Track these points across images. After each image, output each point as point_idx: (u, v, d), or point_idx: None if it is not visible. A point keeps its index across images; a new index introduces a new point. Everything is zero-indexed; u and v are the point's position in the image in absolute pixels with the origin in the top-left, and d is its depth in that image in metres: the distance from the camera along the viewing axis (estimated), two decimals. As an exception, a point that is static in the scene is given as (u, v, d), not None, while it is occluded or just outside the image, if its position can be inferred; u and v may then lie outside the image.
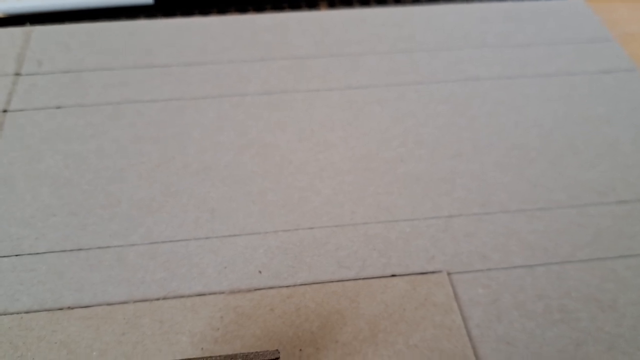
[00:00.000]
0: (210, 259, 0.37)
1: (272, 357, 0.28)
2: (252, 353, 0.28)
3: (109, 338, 0.33)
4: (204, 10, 0.57)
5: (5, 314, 0.34)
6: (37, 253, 0.37)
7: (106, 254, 0.37)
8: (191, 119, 0.46)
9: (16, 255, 0.37)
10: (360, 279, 0.36)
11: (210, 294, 0.35)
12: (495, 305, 0.35)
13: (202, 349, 0.32)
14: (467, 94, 0.48)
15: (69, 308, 0.35)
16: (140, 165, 0.43)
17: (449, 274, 0.36)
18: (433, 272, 0.36)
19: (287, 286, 0.36)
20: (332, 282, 0.36)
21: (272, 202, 0.40)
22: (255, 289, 0.36)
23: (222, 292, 0.35)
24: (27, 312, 0.34)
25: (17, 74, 0.50)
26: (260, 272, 0.36)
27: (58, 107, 0.47)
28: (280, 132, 0.45)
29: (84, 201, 0.40)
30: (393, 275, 0.36)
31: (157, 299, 0.35)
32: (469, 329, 0.34)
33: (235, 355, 0.28)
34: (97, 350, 0.33)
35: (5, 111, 0.47)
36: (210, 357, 0.28)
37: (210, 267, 0.37)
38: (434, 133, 0.45)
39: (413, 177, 0.42)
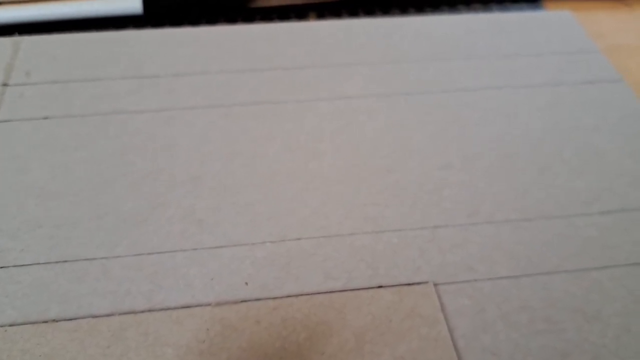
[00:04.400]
0: (197, 270, 0.37)
1: (257, 370, 0.28)
2: (237, 366, 0.28)
3: (93, 351, 0.33)
4: (193, 21, 0.57)
5: (-11, 327, 0.34)
6: (23, 265, 0.37)
7: (92, 265, 0.37)
8: (179, 129, 0.46)
9: (1, 267, 0.37)
10: (347, 290, 0.36)
11: (196, 305, 0.35)
12: (481, 316, 0.35)
13: (187, 361, 0.32)
14: (456, 104, 0.48)
15: (53, 321, 0.34)
16: (127, 177, 0.42)
17: (435, 285, 0.36)
18: (419, 283, 0.36)
19: (273, 298, 0.36)
20: (319, 293, 0.36)
21: (260, 212, 0.40)
22: (242, 301, 0.35)
23: (209, 304, 0.35)
24: (11, 325, 0.34)
25: (5, 85, 0.50)
26: (246, 283, 0.36)
27: (45, 118, 0.47)
28: (268, 142, 0.45)
29: (71, 213, 0.40)
30: (380, 287, 0.36)
31: (143, 312, 0.35)
32: (455, 340, 0.34)
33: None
34: (81, 364, 0.32)
35: (-8, 122, 0.46)
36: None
37: (196, 278, 0.37)
38: (423, 143, 0.45)
39: (401, 187, 0.42)
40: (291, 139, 0.46)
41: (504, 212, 0.41)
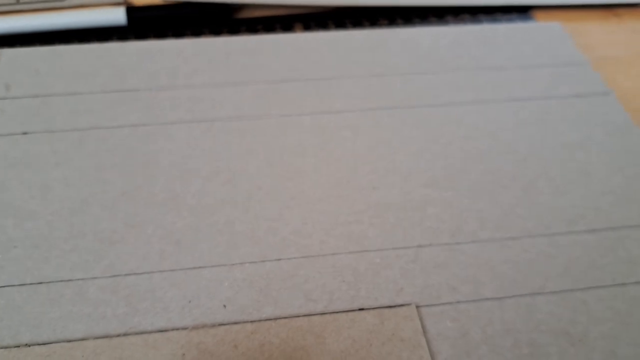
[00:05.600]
0: (174, 292, 0.36)
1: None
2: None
3: (66, 378, 0.32)
4: (178, 32, 0.56)
5: (-41, 353, 0.33)
6: (-4, 287, 0.36)
7: (67, 287, 0.36)
8: (159, 145, 0.45)
9: (-27, 290, 0.36)
10: (327, 313, 0.35)
11: (172, 329, 0.34)
12: (464, 340, 0.34)
13: (161, 389, 0.31)
14: (441, 119, 0.47)
15: (26, 345, 0.34)
16: (104, 195, 0.42)
17: (417, 307, 0.36)
18: (402, 305, 0.36)
19: (251, 321, 0.35)
20: (299, 316, 0.35)
21: (239, 232, 0.40)
22: (219, 324, 0.35)
23: (185, 328, 0.34)
24: (-18, 350, 0.33)
25: (-16, 99, 0.49)
26: (224, 306, 0.36)
27: (24, 133, 0.46)
28: (250, 158, 0.44)
29: (47, 233, 0.39)
30: (361, 309, 0.35)
31: (118, 335, 0.34)
32: (437, 365, 0.33)
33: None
34: (53, 391, 0.32)
35: (-31, 138, 0.45)
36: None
37: (173, 301, 0.36)
38: (407, 160, 0.44)
39: (384, 205, 0.41)
40: (273, 155, 0.45)
41: (488, 231, 0.40)
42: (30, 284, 0.37)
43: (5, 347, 0.33)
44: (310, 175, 0.44)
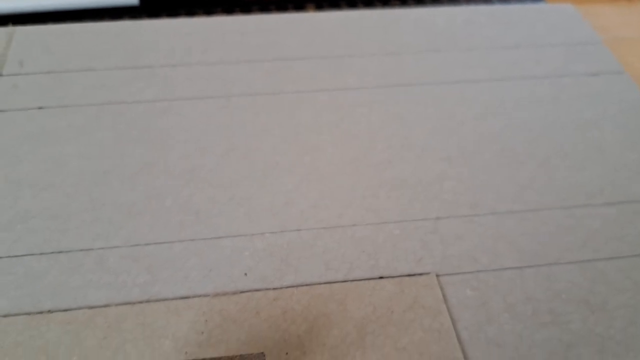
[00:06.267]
0: (195, 261, 0.36)
1: (258, 361, 0.27)
2: (237, 356, 0.27)
3: (89, 343, 0.32)
4: (190, 11, 0.56)
5: (-19, 319, 0.33)
6: (16, 256, 0.36)
7: (87, 257, 0.36)
8: (176, 121, 0.45)
9: (-6, 258, 0.36)
10: (348, 281, 0.35)
11: (194, 296, 0.34)
12: (485, 308, 0.34)
13: (185, 352, 0.32)
14: (455, 97, 0.48)
15: (48, 312, 0.34)
16: (123, 168, 0.42)
17: (438, 276, 0.36)
18: (422, 274, 0.36)
19: (273, 289, 0.35)
20: (320, 284, 0.35)
21: (258, 204, 0.40)
22: (241, 292, 0.35)
23: (207, 295, 0.35)
24: (4, 316, 0.33)
25: (-2, 75, 0.49)
26: (245, 274, 0.36)
27: (40, 108, 0.46)
28: (266, 134, 0.44)
29: (66, 204, 0.39)
30: (381, 278, 0.36)
31: (140, 302, 0.34)
32: (458, 332, 0.33)
33: (220, 358, 0.27)
34: (76, 356, 0.32)
35: (-15, 112, 0.45)
36: (194, 360, 0.27)
37: (194, 270, 0.36)
38: (422, 136, 0.44)
39: (401, 179, 0.41)
40: (288, 131, 0.45)
41: (507, 204, 0.40)
42: (50, 253, 0.37)
43: (27, 314, 0.33)
44: (326, 150, 0.44)
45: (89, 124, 0.45)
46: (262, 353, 0.27)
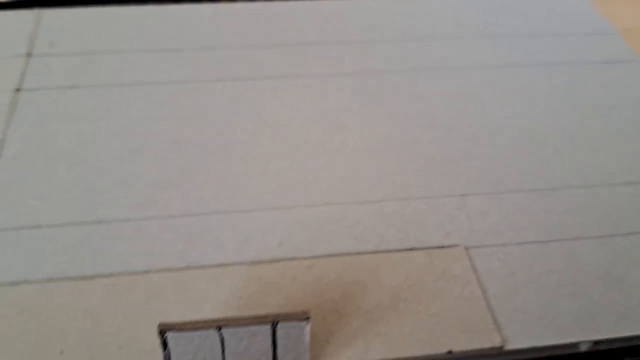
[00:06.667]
0: (230, 232, 0.37)
1: (304, 318, 0.28)
2: (283, 314, 0.28)
3: (133, 306, 0.33)
4: (214, -1, 0.57)
5: (27, 283, 0.34)
6: (57, 225, 0.37)
7: (125, 226, 0.38)
8: (205, 101, 0.47)
9: (36, 227, 0.37)
10: (378, 252, 0.37)
11: (232, 264, 0.36)
12: (512, 279, 0.36)
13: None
14: (478, 82, 0.49)
15: (91, 277, 0.35)
16: (155, 145, 0.43)
17: (466, 248, 0.37)
18: (451, 247, 0.37)
19: (307, 258, 0.36)
20: (352, 255, 0.36)
21: (289, 180, 0.41)
22: (277, 261, 0.36)
23: (244, 263, 0.36)
24: (49, 281, 0.34)
25: (29, 55, 0.50)
26: (280, 245, 0.37)
27: (72, 87, 0.47)
28: (294, 114, 0.46)
29: (100, 178, 0.41)
30: (412, 250, 0.37)
31: (180, 269, 0.35)
32: (488, 300, 0.34)
33: (267, 315, 0.28)
34: (121, 318, 0.33)
35: (18, 90, 0.47)
36: (242, 317, 0.28)
37: (230, 240, 0.37)
38: (447, 117, 0.46)
39: (428, 158, 0.43)
40: (316, 112, 0.46)
41: (530, 182, 0.41)
42: (90, 223, 0.38)
43: (72, 279, 0.35)
44: (353, 130, 0.45)
45: (120, 103, 0.46)
46: (308, 311, 0.28)
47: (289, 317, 0.28)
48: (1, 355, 0.31)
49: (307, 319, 0.28)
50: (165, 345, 0.28)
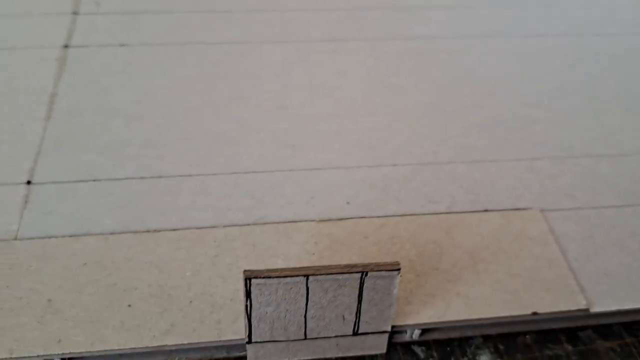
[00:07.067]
0: (295, 189, 0.36)
1: (394, 268, 0.27)
2: (373, 264, 0.27)
3: (201, 259, 0.32)
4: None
5: (89, 235, 0.33)
6: (116, 179, 0.36)
7: (187, 181, 0.36)
8: (258, 61, 0.45)
9: (93, 181, 0.36)
10: (452, 212, 0.35)
11: (300, 221, 0.34)
12: (591, 241, 0.34)
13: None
14: (534, 49, 0.48)
15: (155, 231, 0.33)
16: (212, 102, 0.42)
17: (541, 210, 0.36)
18: (526, 209, 0.36)
19: (378, 216, 0.35)
20: (424, 214, 0.35)
21: (352, 140, 0.40)
22: (347, 218, 0.35)
23: (313, 220, 0.34)
24: (111, 234, 0.33)
25: (75, 13, 0.49)
26: (348, 203, 0.35)
27: (122, 45, 0.46)
28: (348, 76, 0.44)
29: (159, 134, 0.39)
30: (485, 210, 0.35)
31: (247, 225, 0.34)
32: (568, 262, 0.33)
33: (356, 265, 0.27)
34: (190, 271, 0.31)
35: (66, 46, 0.45)
36: (330, 266, 0.27)
37: (296, 197, 0.36)
38: (505, 83, 0.45)
39: (491, 121, 0.41)
40: (370, 74, 0.45)
41: (599, 147, 0.40)
42: (150, 177, 0.36)
43: (135, 232, 0.33)
44: (411, 92, 0.44)
45: (173, 61, 0.45)
46: (398, 262, 0.27)
47: (379, 267, 0.27)
48: (68, 306, 0.30)
49: (398, 269, 0.27)
50: (248, 294, 0.26)
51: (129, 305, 0.30)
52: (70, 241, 0.33)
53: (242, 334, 0.29)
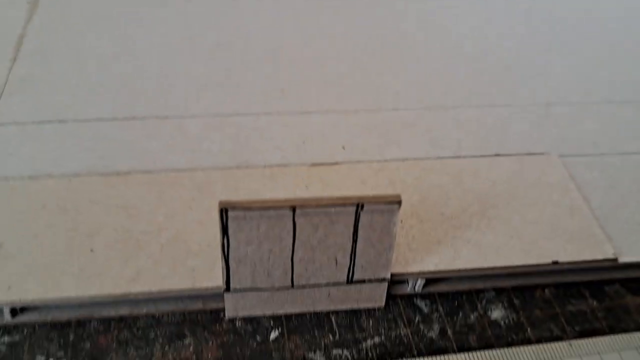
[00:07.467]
0: (285, 133, 0.32)
1: (395, 201, 0.23)
2: (370, 196, 0.23)
3: (176, 203, 0.28)
4: None
5: (49, 177, 0.29)
6: (84, 120, 0.32)
7: (163, 123, 0.33)
8: (248, 9, 0.42)
9: (59, 122, 0.32)
10: (459, 157, 0.31)
11: (289, 165, 0.30)
12: (616, 189, 0.31)
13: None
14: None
15: (125, 173, 0.30)
16: (195, 46, 0.38)
17: (559, 156, 0.32)
18: (542, 154, 0.32)
19: (377, 161, 0.31)
20: (428, 159, 0.31)
21: (350, 83, 0.36)
22: (342, 163, 0.31)
23: (303, 164, 0.31)
24: (75, 176, 0.29)
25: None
26: (343, 147, 0.32)
27: (99, -11, 0.42)
28: (346, 20, 0.41)
29: (135, 74, 0.36)
30: (497, 155, 0.32)
31: (230, 168, 0.30)
32: (592, 210, 0.29)
33: (350, 197, 0.23)
34: (162, 215, 0.28)
35: (39, -10, 0.41)
36: (321, 198, 0.23)
37: (286, 141, 0.32)
38: (518, 30, 0.41)
39: (503, 66, 0.38)
40: (373, 18, 0.42)
41: (622, 94, 0.37)
42: (123, 118, 0.33)
43: (101, 175, 0.29)
44: (417, 38, 0.40)
45: (153, 6, 0.41)
46: (399, 194, 0.23)
47: (377, 200, 0.23)
48: (22, 251, 0.26)
49: (398, 202, 0.23)
50: (225, 229, 0.23)
51: (91, 251, 0.26)
52: (28, 183, 0.29)
53: (219, 282, 0.25)
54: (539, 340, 0.26)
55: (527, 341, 0.26)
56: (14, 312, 0.25)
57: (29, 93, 0.34)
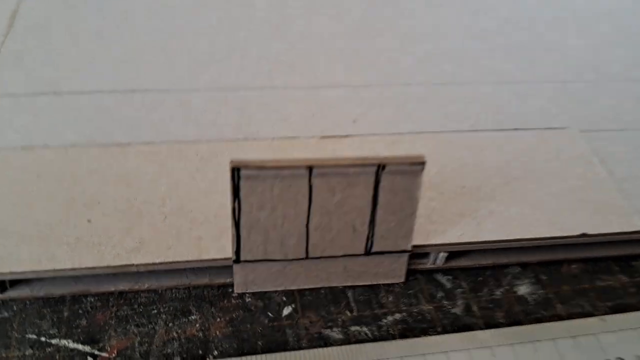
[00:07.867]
0: (294, 107, 0.31)
1: (418, 162, 0.22)
2: (392, 157, 0.22)
3: (179, 174, 0.26)
4: None
5: (45, 147, 0.27)
6: (81, 92, 0.31)
7: (166, 96, 0.31)
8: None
9: (54, 94, 0.30)
10: (477, 130, 0.30)
11: (299, 137, 0.29)
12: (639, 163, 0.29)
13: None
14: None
15: (125, 144, 0.28)
16: (198, 22, 0.37)
17: (580, 131, 0.30)
18: (562, 128, 0.30)
19: (390, 134, 0.29)
20: (444, 132, 0.30)
21: (359, 60, 0.35)
22: (353, 135, 0.29)
23: (313, 137, 0.29)
24: (72, 146, 0.27)
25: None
26: (354, 121, 0.30)
27: (96, -34, 0.40)
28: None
29: (137, 49, 0.34)
30: (516, 129, 0.30)
31: (235, 140, 0.28)
32: (618, 182, 0.28)
33: (371, 157, 0.21)
34: (165, 185, 0.26)
35: (33, -33, 0.40)
36: (338, 158, 0.21)
37: (294, 114, 0.30)
38: (528, 9, 0.40)
39: (516, 45, 0.36)
40: None
41: (636, 71, 0.35)
42: (123, 91, 0.31)
43: (101, 145, 0.28)
44: (426, 16, 0.39)
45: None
46: (422, 155, 0.22)
47: (399, 161, 0.21)
48: (15, 221, 0.24)
49: (423, 163, 0.21)
50: (236, 191, 0.21)
51: (89, 221, 0.24)
52: (22, 153, 0.27)
53: (227, 253, 0.23)
54: (570, 316, 0.24)
55: (558, 317, 0.24)
56: (3, 286, 0.23)
57: (22, 66, 0.32)
